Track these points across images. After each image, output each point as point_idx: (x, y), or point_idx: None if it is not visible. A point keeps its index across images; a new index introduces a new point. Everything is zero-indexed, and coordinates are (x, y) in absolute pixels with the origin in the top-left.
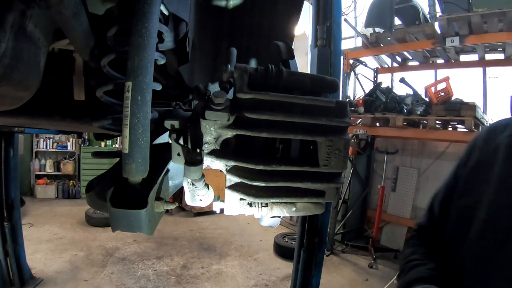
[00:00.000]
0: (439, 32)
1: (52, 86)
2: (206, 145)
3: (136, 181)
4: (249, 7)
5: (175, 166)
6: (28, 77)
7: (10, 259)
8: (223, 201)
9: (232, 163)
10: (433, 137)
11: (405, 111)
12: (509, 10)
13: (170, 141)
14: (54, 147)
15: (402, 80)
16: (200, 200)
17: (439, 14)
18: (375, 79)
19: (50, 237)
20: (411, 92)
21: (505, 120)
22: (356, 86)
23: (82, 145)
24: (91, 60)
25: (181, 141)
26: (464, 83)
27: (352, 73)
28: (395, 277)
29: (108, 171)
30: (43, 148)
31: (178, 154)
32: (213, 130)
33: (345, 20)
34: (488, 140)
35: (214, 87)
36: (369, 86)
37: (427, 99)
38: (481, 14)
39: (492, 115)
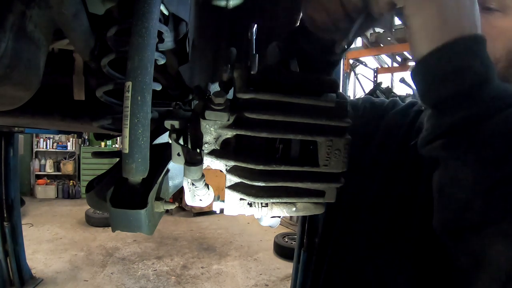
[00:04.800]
0: None
1: (52, 86)
2: (206, 145)
3: (136, 181)
4: (249, 8)
5: (175, 166)
6: (28, 77)
7: (10, 259)
8: (223, 201)
9: (232, 163)
10: None
11: None
12: None
13: (170, 141)
14: (54, 147)
15: (402, 80)
16: (200, 200)
17: None
18: (375, 79)
19: (50, 237)
20: (411, 92)
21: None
22: (356, 86)
23: (82, 145)
24: (91, 60)
25: (181, 141)
26: None
27: (352, 73)
28: None
29: (108, 171)
30: (43, 148)
31: (178, 154)
32: (213, 130)
33: None
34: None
35: (214, 87)
36: (369, 86)
37: None
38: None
39: None
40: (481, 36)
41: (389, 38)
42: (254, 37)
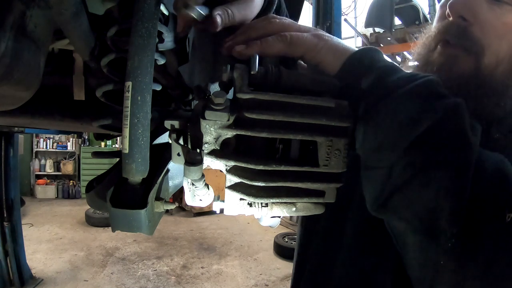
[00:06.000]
0: None
1: (52, 86)
2: (206, 145)
3: (136, 181)
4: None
5: (175, 166)
6: (28, 77)
7: (10, 259)
8: (223, 201)
9: (232, 163)
10: None
11: None
12: None
13: (170, 141)
14: (54, 147)
15: None
16: (200, 200)
17: None
18: None
19: (50, 237)
20: None
21: None
22: None
23: (82, 145)
24: (91, 60)
25: (181, 141)
26: None
27: None
28: None
29: (108, 171)
30: (43, 148)
31: (178, 154)
32: (213, 130)
33: (345, 20)
34: None
35: (214, 87)
36: None
37: None
38: None
39: None
40: (376, 48)
41: (389, 38)
42: None
